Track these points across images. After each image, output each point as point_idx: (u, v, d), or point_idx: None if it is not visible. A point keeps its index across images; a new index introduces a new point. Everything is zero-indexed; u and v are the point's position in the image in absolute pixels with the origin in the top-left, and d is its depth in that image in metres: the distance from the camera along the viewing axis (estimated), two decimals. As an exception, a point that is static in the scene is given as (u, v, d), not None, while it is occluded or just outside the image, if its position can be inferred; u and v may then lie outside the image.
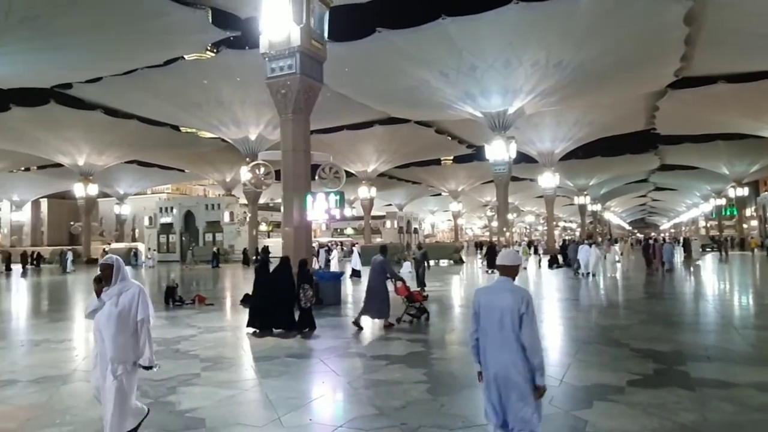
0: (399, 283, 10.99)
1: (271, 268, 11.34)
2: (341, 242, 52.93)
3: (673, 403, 5.49)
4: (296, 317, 10.35)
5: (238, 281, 23.51)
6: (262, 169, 15.74)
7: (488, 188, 65.06)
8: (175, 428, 5.00)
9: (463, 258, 37.09)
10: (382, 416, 5.28)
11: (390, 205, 76.50)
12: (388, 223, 67.74)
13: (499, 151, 33.17)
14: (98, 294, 4.37)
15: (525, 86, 29.03)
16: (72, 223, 63.35)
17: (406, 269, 25.91)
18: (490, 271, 24.09)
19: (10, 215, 67.16)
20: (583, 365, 7.25)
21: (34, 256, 38.76)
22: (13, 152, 45.32)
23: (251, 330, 10.24)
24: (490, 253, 25.45)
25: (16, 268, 34.36)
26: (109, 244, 54.28)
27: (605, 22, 23.40)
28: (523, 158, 44.38)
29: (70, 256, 34.11)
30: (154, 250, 44.41)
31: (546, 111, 35.28)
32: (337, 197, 13.80)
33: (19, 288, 23.90)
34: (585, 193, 63.11)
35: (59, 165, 47.13)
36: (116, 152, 44.76)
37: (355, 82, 29.97)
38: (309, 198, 14.03)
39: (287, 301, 10.40)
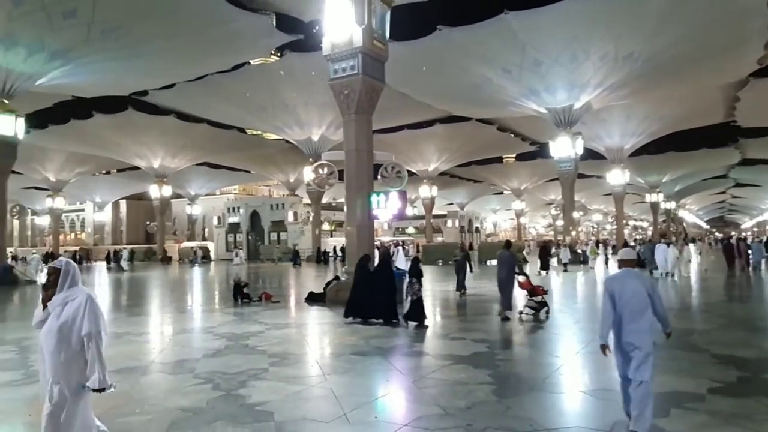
0: (522, 278, 11.47)
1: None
2: (403, 241, 52.97)
3: (762, 414, 5.13)
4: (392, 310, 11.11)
5: (304, 279, 24.00)
6: (326, 169, 16.00)
7: (553, 186, 63.25)
8: (246, 421, 5.16)
9: (527, 257, 36.23)
10: (447, 416, 5.23)
11: (451, 204, 75.91)
12: (450, 222, 67.27)
13: (564, 147, 32.18)
14: (45, 302, 3.73)
15: (592, 80, 28.00)
16: (148, 222, 67.00)
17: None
18: (544, 273, 23.28)
19: (93, 215, 71.94)
20: (659, 370, 6.84)
21: (114, 253, 41.24)
22: (96, 156, 48.58)
23: (349, 319, 11.16)
24: (543, 254, 24.66)
25: (99, 264, 36.68)
26: (181, 242, 56.94)
27: (680, 10, 22.18)
28: (590, 155, 42.81)
29: (125, 254, 35.87)
30: (241, 249, 45.27)
31: (615, 105, 33.87)
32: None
33: (101, 282, 25.46)
34: (657, 190, 60.04)
35: (136, 168, 50.01)
36: (188, 155, 46.94)
37: (416, 81, 29.93)
38: (373, 197, 14.14)
39: (388, 294, 11.07)
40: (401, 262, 23.65)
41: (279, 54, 32.28)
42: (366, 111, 14.57)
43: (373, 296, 11.00)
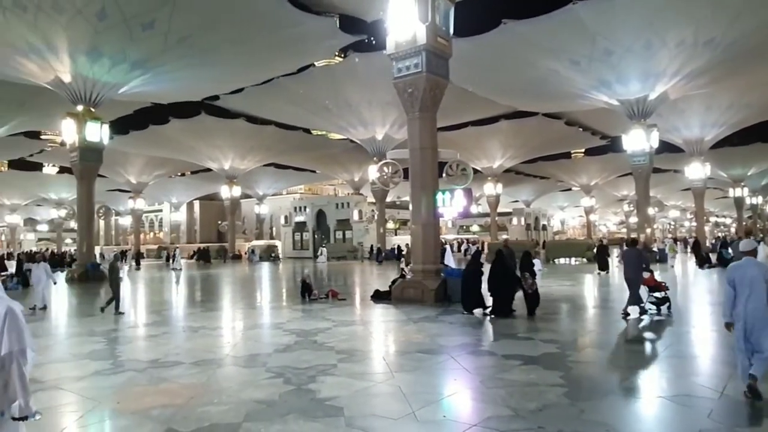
0: (647, 274, 11.48)
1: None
2: (467, 239, 52.45)
3: None
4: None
5: (369, 277, 24.23)
6: (390, 168, 16.08)
7: (625, 181, 60.63)
8: (317, 415, 5.27)
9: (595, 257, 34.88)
10: (517, 418, 5.13)
11: (517, 201, 74.37)
12: (515, 220, 65.92)
13: (638, 140, 30.70)
14: None
15: (669, 69, 26.52)
16: (219, 222, 69.90)
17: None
18: (601, 273, 22.08)
19: (170, 215, 75.92)
20: (748, 377, 6.45)
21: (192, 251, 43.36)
22: (172, 159, 51.32)
23: (466, 312, 11.85)
24: (601, 253, 23.34)
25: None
26: (250, 241, 58.99)
27: (766, -10, 20.65)
28: (666, 147, 40.65)
29: (177, 253, 37.24)
30: (324, 245, 45.47)
31: (694, 95, 31.94)
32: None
33: (172, 279, 26.76)
34: (742, 184, 56.14)
35: (209, 170, 52.35)
36: (256, 156, 48.57)
37: (480, 76, 29.51)
38: (438, 195, 14.09)
39: (507, 289, 11.51)
40: (449, 260, 23.26)
41: (343, 55, 32.75)
42: (430, 109, 14.52)
43: (494, 291, 11.66)
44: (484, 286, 12.22)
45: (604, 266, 22.74)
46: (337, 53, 32.17)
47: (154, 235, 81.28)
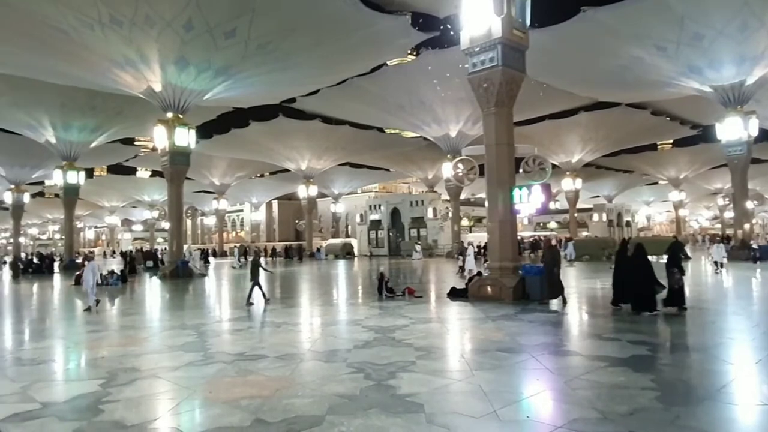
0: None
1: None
2: (545, 236, 50.86)
3: None
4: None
5: (445, 275, 24.10)
6: (465, 165, 15.90)
7: (719, 173, 56.63)
8: (398, 411, 5.31)
9: (689, 253, 32.77)
10: (605, 421, 4.92)
11: (597, 196, 71.28)
12: (596, 216, 63.18)
13: (734, 129, 28.54)
14: None
15: (768, 51, 24.48)
16: (297, 221, 72.10)
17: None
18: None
19: (250, 215, 79.18)
20: None
21: (270, 249, 45.05)
22: (253, 161, 53.60)
23: (616, 307, 11.65)
24: (674, 251, 20.90)
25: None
26: (327, 239, 60.38)
27: None
28: (765, 136, 37.50)
29: (236, 252, 38.46)
30: (418, 243, 44.92)
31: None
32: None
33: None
34: None
35: (286, 170, 54.17)
36: (332, 156, 49.66)
37: (558, 68, 28.54)
38: (515, 191, 13.79)
39: (648, 284, 11.27)
40: (471, 263, 22.39)
41: (415, 53, 32.77)
42: (506, 103, 14.22)
43: (638, 286, 11.38)
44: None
45: (674, 263, 20.32)
46: (409, 51, 32.21)
47: (236, 234, 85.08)
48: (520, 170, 14.86)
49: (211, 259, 43.53)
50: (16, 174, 45.81)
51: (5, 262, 46.20)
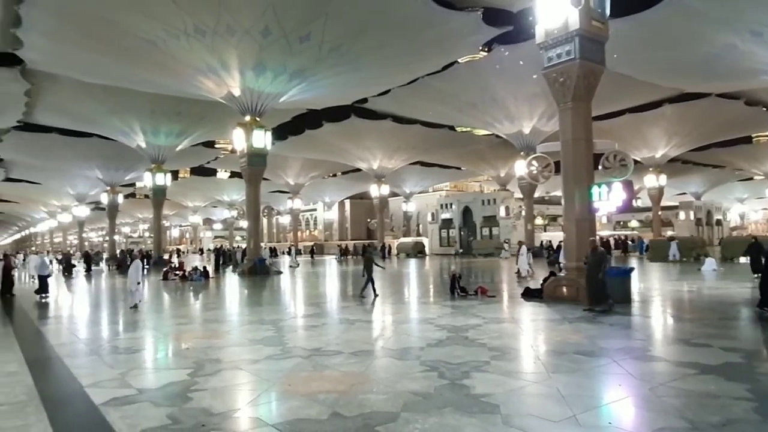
0: None
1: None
2: (626, 236, 48.59)
3: None
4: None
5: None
6: (540, 162, 15.46)
7: (825, 168, 51.70)
8: (473, 411, 5.27)
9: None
10: (695, 431, 4.65)
11: (684, 194, 67.10)
12: (682, 214, 59.50)
13: (842, 119, 25.95)
14: None
15: None
16: (369, 219, 72.97)
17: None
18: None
19: (323, 214, 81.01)
20: None
21: (344, 247, 45.93)
22: (325, 161, 54.80)
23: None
24: (754, 251, 18.50)
25: (329, 258, 41.10)
26: (398, 238, 60.68)
27: None
28: None
29: (292, 252, 38.79)
30: (506, 241, 43.08)
31: None
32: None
33: (329, 273, 28.50)
34: None
35: (358, 170, 54.95)
36: (403, 155, 49.85)
37: (639, 59, 27.08)
38: (593, 189, 13.27)
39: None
40: (523, 263, 21.92)
41: (487, 49, 32.22)
42: (584, 98, 13.70)
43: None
44: None
45: (757, 268, 17.57)
46: (481, 48, 31.72)
47: (309, 232, 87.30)
48: (599, 167, 14.25)
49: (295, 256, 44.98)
50: (112, 176, 49.50)
51: (107, 258, 49.85)
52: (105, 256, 50.99)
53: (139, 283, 14.76)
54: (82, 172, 52.01)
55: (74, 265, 33.38)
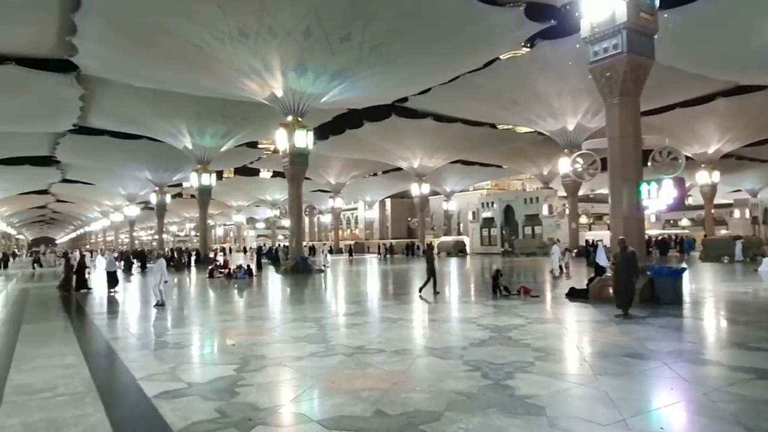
0: None
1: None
2: (676, 235, 46.92)
3: None
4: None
5: (576, 276, 23.10)
6: (586, 159, 15.10)
7: None
8: (518, 412, 5.19)
9: None
10: (754, 439, 4.45)
11: (739, 191, 64.20)
12: (737, 213, 57.04)
13: None
14: None
15: None
16: (409, 218, 72.87)
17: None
18: None
19: (364, 213, 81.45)
20: None
21: (388, 246, 46.12)
22: (366, 161, 55.10)
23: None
24: None
25: (371, 257, 41.27)
26: (439, 237, 60.40)
27: None
28: None
29: (326, 250, 38.52)
30: (558, 240, 43.49)
31: None
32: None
33: (370, 272, 28.62)
34: None
35: (399, 169, 54.99)
36: (443, 154, 49.60)
37: (690, 51, 26.07)
38: (642, 186, 12.88)
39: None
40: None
41: (530, 45, 31.67)
42: (631, 92, 13.29)
43: None
44: None
45: None
46: (523, 43, 31.22)
47: (350, 231, 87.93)
48: (648, 163, 13.82)
49: (328, 256, 45.47)
50: (160, 177, 51.25)
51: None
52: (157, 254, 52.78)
53: (166, 282, 14.84)
54: (133, 173, 54.01)
55: (132, 263, 34.81)
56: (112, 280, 19.04)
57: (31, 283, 24.91)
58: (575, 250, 35.31)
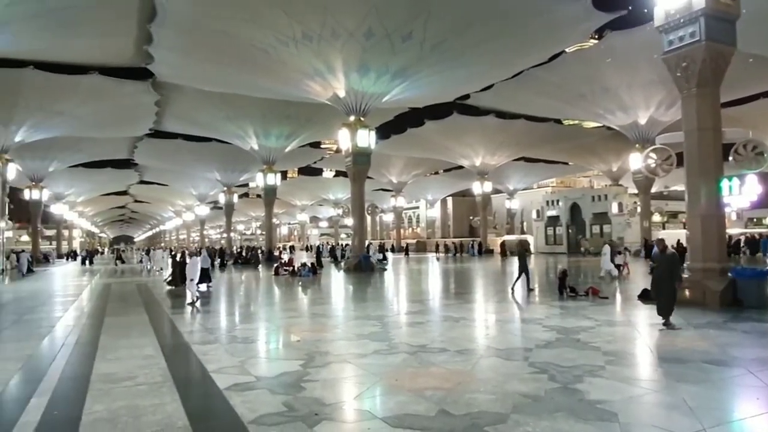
0: None
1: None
2: (760, 234, 43.79)
3: None
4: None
5: (633, 275, 22.13)
6: (660, 155, 14.38)
7: None
8: (588, 417, 5.00)
9: None
10: None
11: (832, 186, 59.12)
12: (830, 210, 52.47)
13: None
14: None
15: None
16: (471, 217, 72.07)
17: None
18: None
19: (426, 212, 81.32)
20: None
21: (455, 244, 45.83)
22: (428, 159, 55.02)
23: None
24: None
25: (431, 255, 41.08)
26: (501, 235, 59.32)
27: None
28: None
29: (372, 250, 37.72)
30: (611, 240, 41.19)
31: None
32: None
33: (431, 271, 28.49)
34: None
35: (460, 167, 54.49)
36: (506, 151, 48.67)
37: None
38: (723, 182, 12.11)
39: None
40: (606, 263, 20.65)
41: (597, 36, 30.51)
42: (710, 83, 12.51)
43: None
44: None
45: None
46: (591, 35, 30.12)
47: (412, 230, 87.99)
48: (729, 158, 12.99)
49: (388, 254, 45.75)
50: (228, 178, 53.31)
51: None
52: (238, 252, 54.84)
53: (210, 282, 14.81)
54: (203, 174, 56.48)
55: (224, 260, 36.60)
56: (206, 276, 20.04)
57: (113, 279, 26.51)
58: (634, 250, 33.81)
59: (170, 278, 20.01)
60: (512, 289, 15.91)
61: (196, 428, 4.91)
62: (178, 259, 21.35)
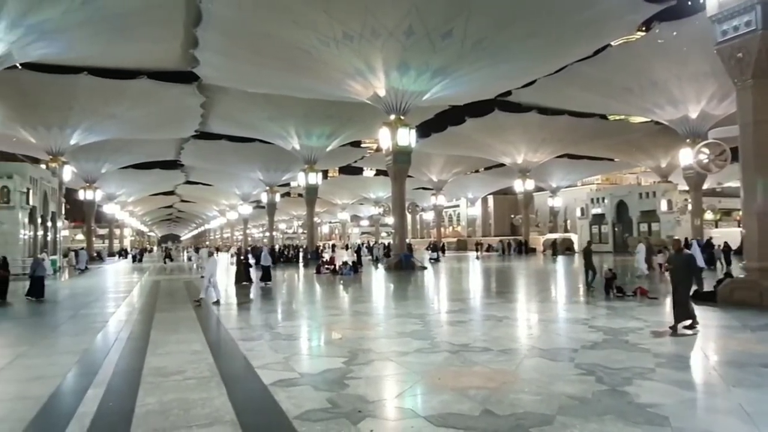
0: None
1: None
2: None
3: None
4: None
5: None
6: (713, 150, 13.82)
7: None
8: (638, 421, 4.86)
9: None
10: None
11: None
12: None
13: None
14: None
15: None
16: (513, 215, 71.06)
17: None
18: None
19: (466, 210, 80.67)
20: None
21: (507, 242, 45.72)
22: (468, 157, 54.50)
23: None
24: None
25: (471, 254, 40.72)
26: (544, 234, 58.25)
27: None
28: None
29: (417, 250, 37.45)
30: (645, 237, 37.02)
31: None
32: None
33: (472, 270, 28.22)
34: None
35: (502, 165, 53.73)
36: (548, 148, 47.70)
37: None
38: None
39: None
40: (641, 262, 20.37)
41: (644, 28, 29.49)
42: (768, 74, 11.94)
43: None
44: None
45: None
46: (638, 27, 29.15)
47: (452, 228, 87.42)
48: (789, 152, 12.34)
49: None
50: (271, 177, 54.28)
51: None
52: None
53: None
54: (246, 174, 57.68)
55: (281, 258, 37.67)
56: (266, 274, 20.87)
57: (162, 276, 27.41)
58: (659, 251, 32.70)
59: (238, 277, 20.61)
60: (590, 286, 16.05)
61: (244, 422, 5.02)
62: (242, 258, 22.29)
